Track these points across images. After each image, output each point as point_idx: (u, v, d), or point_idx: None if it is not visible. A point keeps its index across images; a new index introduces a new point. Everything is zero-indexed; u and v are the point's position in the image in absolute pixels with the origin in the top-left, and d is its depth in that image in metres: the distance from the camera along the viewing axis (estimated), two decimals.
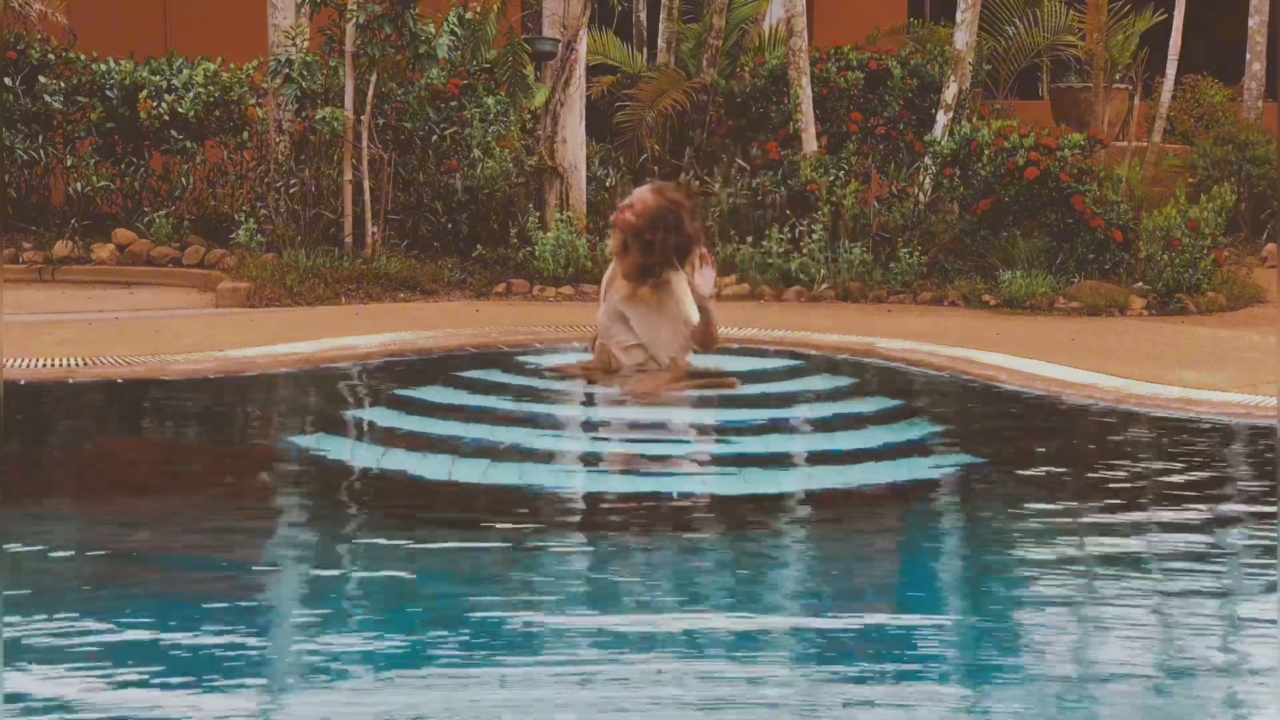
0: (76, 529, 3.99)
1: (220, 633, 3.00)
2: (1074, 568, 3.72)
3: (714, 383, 6.09)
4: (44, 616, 3.08)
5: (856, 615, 3.22)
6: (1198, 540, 3.94)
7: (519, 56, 11.04)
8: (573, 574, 3.61)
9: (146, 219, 10.89)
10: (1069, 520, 4.20)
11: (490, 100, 10.97)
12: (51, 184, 11.51)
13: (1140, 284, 9.98)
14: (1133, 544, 3.93)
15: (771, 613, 3.29)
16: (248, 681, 2.77)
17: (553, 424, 5.63)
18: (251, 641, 3.00)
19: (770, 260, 10.22)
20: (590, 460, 5.13)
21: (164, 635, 2.98)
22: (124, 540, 3.85)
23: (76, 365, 6.23)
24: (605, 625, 3.13)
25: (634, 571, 3.63)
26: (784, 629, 3.16)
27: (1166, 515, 4.28)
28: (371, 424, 5.57)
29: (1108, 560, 3.77)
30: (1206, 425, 5.45)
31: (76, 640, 2.95)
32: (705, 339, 6.10)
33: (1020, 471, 4.92)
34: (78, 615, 3.12)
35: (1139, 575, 3.64)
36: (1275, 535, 3.87)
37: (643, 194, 6.00)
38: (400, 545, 3.80)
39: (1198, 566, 3.71)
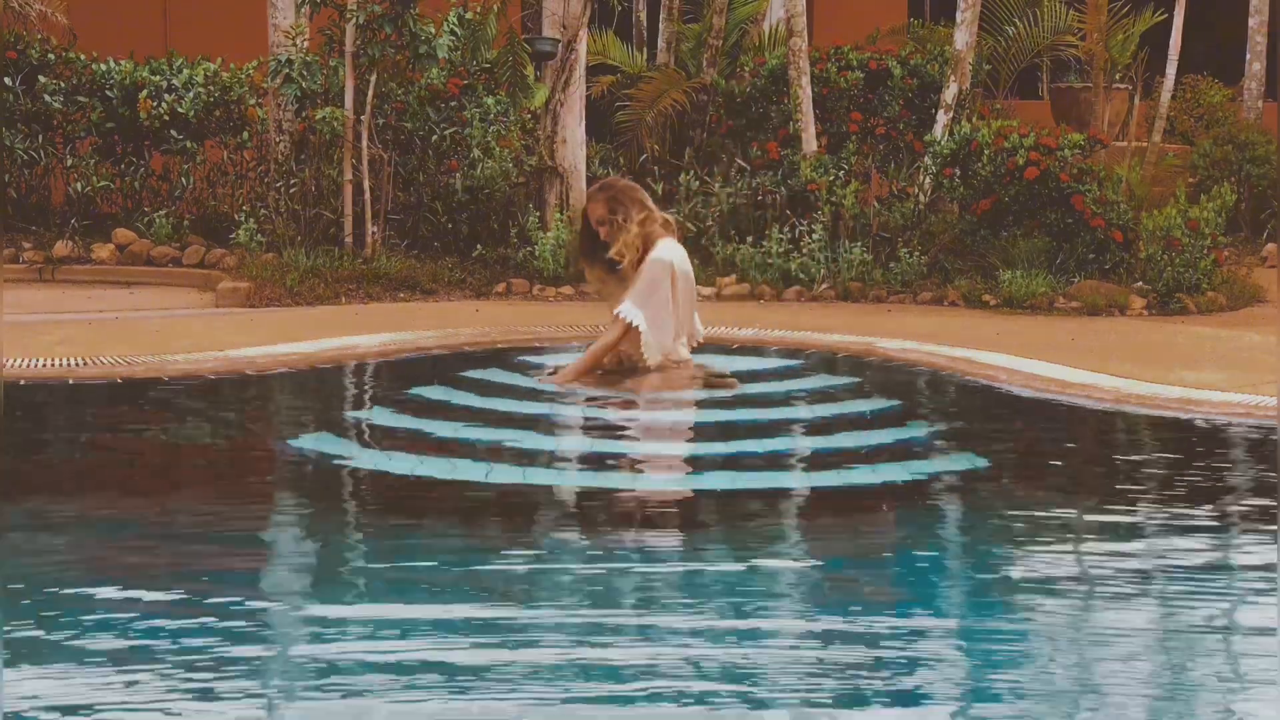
0: (76, 529, 3.99)
1: (220, 632, 3.00)
2: (1073, 567, 3.72)
3: (713, 383, 6.08)
4: (43, 616, 3.09)
5: (855, 615, 3.22)
6: (1197, 540, 3.94)
7: (519, 56, 11.04)
8: (570, 573, 3.61)
9: (146, 219, 10.90)
10: (1068, 520, 4.20)
11: (490, 100, 10.97)
12: (51, 184, 11.51)
13: (1140, 284, 9.98)
14: (1132, 544, 3.93)
15: (769, 612, 3.29)
16: (247, 680, 2.77)
17: (554, 424, 5.63)
18: (251, 641, 3.00)
19: (770, 260, 10.22)
20: (590, 460, 5.13)
21: (163, 634, 2.98)
22: (123, 540, 3.85)
23: (76, 365, 6.23)
24: (603, 623, 3.13)
25: (633, 570, 3.63)
26: (782, 628, 3.16)
27: (1166, 515, 4.28)
28: (371, 424, 5.57)
29: (1107, 559, 3.77)
30: (1206, 425, 5.45)
31: (76, 639, 2.95)
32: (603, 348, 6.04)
33: (1020, 471, 4.93)
34: (77, 615, 3.12)
35: (1138, 574, 3.64)
36: (1276, 535, 3.87)
37: (589, 211, 6.08)
38: (401, 545, 3.80)
39: (1197, 566, 3.71)
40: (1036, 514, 4.26)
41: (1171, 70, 13.40)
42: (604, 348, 5.96)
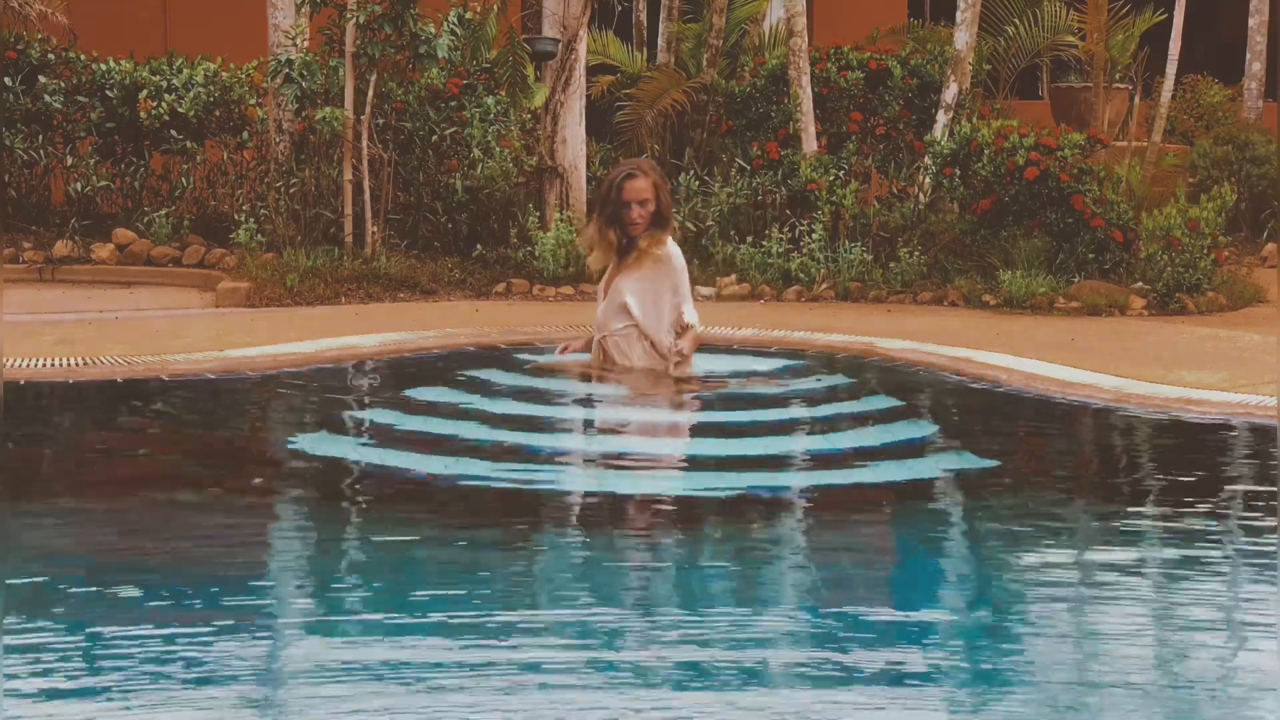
0: (76, 529, 3.99)
1: (219, 632, 3.00)
2: (1073, 568, 3.72)
3: (708, 383, 6.08)
4: (43, 617, 3.08)
5: (854, 615, 3.22)
6: (1197, 540, 3.94)
7: (519, 56, 11.04)
8: (570, 574, 3.61)
9: (146, 219, 10.90)
10: (1068, 520, 4.20)
11: (490, 100, 10.97)
12: (51, 184, 11.52)
13: (1140, 284, 9.98)
14: (1132, 544, 3.93)
15: (768, 612, 3.29)
16: (246, 682, 2.77)
17: (550, 424, 5.63)
18: (250, 641, 3.00)
19: (770, 260, 10.22)
20: (585, 460, 5.13)
21: (163, 635, 2.98)
22: (123, 540, 3.85)
23: (76, 365, 6.23)
24: (603, 623, 3.13)
25: (632, 571, 3.63)
26: (781, 629, 3.16)
27: (1166, 515, 4.27)
28: (371, 423, 5.57)
29: (1107, 560, 3.77)
30: (1206, 425, 5.45)
31: (75, 640, 2.95)
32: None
33: (1020, 471, 4.93)
34: (77, 615, 3.12)
35: (1138, 575, 3.64)
36: (1275, 536, 3.87)
37: (634, 185, 5.92)
38: (400, 545, 3.80)
39: (1197, 566, 3.71)
40: (1037, 513, 4.26)
41: (1171, 70, 13.41)
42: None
